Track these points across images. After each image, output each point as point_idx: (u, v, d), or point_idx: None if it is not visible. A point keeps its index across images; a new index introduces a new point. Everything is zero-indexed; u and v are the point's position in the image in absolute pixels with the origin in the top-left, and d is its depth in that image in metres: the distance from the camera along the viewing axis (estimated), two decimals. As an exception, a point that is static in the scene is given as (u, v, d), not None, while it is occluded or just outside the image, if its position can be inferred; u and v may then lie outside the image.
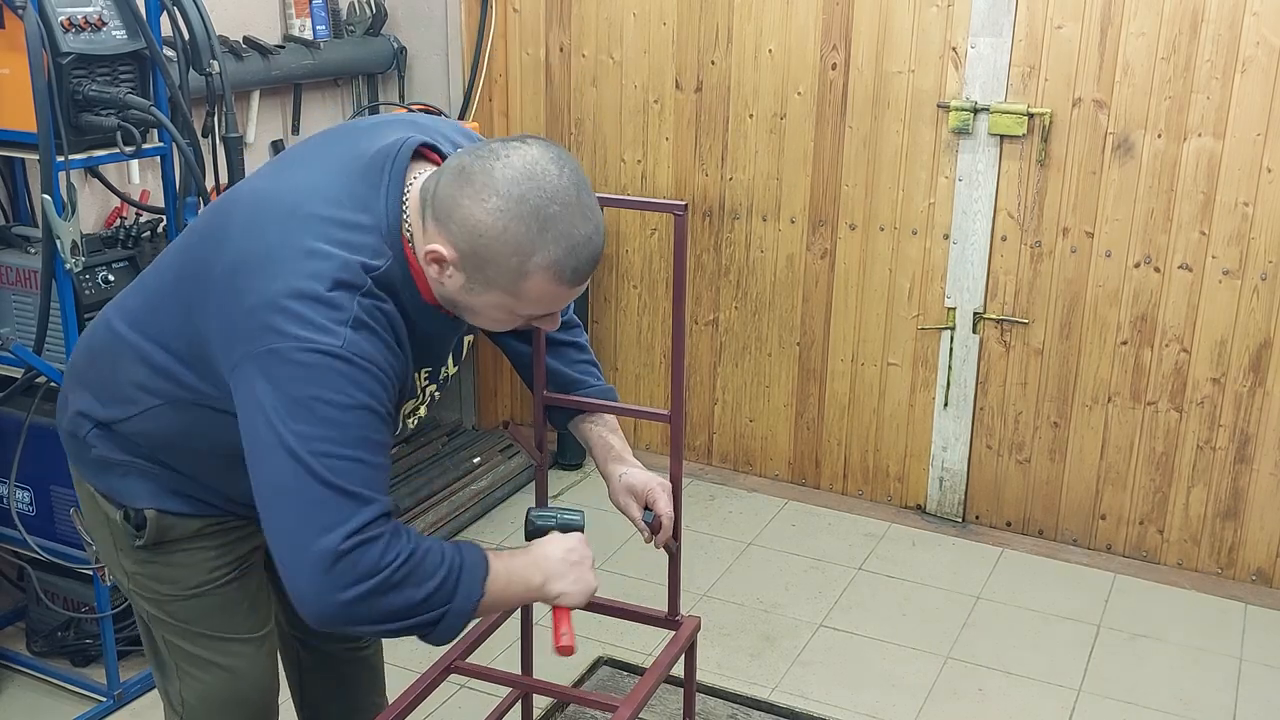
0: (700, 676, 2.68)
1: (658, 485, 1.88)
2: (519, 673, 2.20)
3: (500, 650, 2.72)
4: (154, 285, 1.71)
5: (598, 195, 1.60)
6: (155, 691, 2.83)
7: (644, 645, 3.02)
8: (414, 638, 1.57)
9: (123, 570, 1.82)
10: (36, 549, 2.69)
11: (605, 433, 1.96)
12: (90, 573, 2.68)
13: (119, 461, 1.75)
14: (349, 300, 1.48)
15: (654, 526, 1.86)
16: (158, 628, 1.85)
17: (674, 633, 2.05)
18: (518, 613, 2.22)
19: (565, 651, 1.74)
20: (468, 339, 1.83)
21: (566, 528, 1.79)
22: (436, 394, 1.83)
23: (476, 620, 1.72)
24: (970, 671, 3.01)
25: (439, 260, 1.52)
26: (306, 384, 1.45)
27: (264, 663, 1.89)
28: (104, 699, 2.79)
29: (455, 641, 2.05)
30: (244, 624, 1.85)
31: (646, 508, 1.88)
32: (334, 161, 1.60)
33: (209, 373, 1.59)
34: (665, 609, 2.11)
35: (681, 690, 2.75)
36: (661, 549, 1.96)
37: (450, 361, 1.80)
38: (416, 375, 1.69)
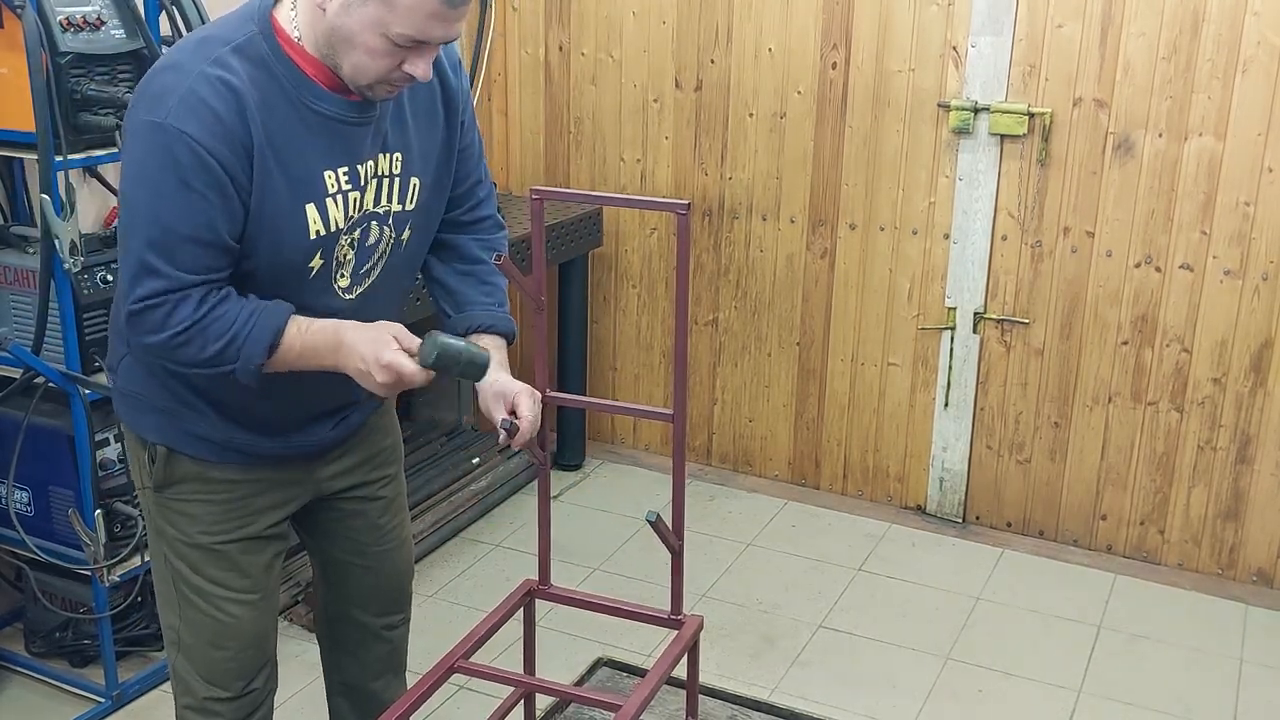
0: (700, 677, 2.67)
1: (523, 391, 1.90)
2: (521, 672, 2.19)
3: (500, 651, 2.72)
4: None
5: (596, 195, 1.61)
6: (154, 692, 2.85)
7: (643, 646, 3.02)
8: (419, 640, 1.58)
9: (146, 505, 1.95)
10: (35, 550, 2.68)
11: (488, 345, 1.96)
12: (89, 573, 2.68)
13: (136, 394, 1.88)
14: (193, 68, 1.61)
15: (511, 431, 1.86)
16: (167, 567, 1.94)
17: (676, 632, 2.05)
18: (519, 613, 2.22)
19: None
20: (414, 182, 1.84)
21: (456, 368, 1.75)
22: (389, 235, 1.83)
23: (477, 614, 1.72)
24: (970, 672, 3.00)
25: None
26: (138, 145, 1.63)
27: (257, 619, 1.97)
28: (102, 700, 2.78)
29: (455, 643, 2.06)
30: (238, 584, 1.93)
31: (511, 412, 1.88)
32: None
33: None
34: (665, 609, 2.11)
35: (681, 690, 2.74)
36: (526, 452, 1.97)
37: (395, 197, 1.82)
38: (331, 173, 1.72)
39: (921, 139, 3.47)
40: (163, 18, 2.68)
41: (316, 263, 1.75)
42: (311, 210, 1.71)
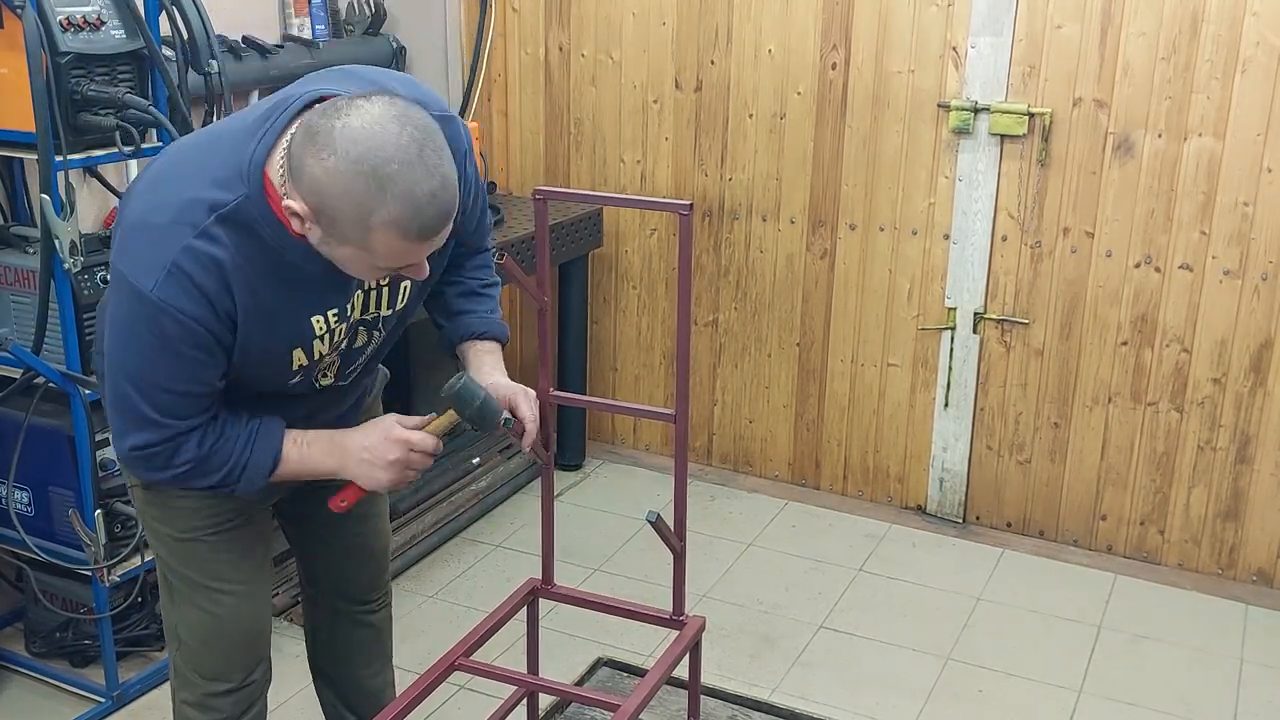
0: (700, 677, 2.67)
1: (520, 392, 1.92)
2: (522, 672, 2.19)
3: (500, 651, 2.72)
4: None
5: (599, 195, 1.61)
6: (154, 692, 2.85)
7: (643, 646, 3.02)
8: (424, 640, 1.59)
9: (137, 502, 1.98)
10: (35, 550, 2.68)
11: (482, 352, 2.01)
12: (89, 573, 2.68)
13: None
14: (178, 239, 1.60)
15: (516, 431, 1.89)
16: (162, 562, 1.99)
17: (677, 632, 2.05)
18: (522, 612, 2.22)
19: (334, 506, 1.88)
20: (404, 285, 1.85)
21: (468, 410, 1.79)
22: (377, 335, 1.87)
23: (478, 612, 1.73)
24: (970, 672, 3.00)
25: (295, 215, 1.59)
26: (124, 307, 1.66)
27: (250, 608, 2.00)
28: (103, 700, 2.78)
29: (459, 638, 2.06)
30: (230, 574, 1.95)
31: (511, 414, 1.90)
32: (239, 117, 1.74)
33: None
34: (666, 609, 2.11)
35: (681, 691, 2.75)
36: (531, 455, 2.00)
37: (385, 303, 1.84)
38: (320, 318, 1.75)
39: (921, 139, 3.47)
40: (163, 18, 2.69)
41: (299, 378, 1.81)
42: (298, 353, 1.77)
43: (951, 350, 3.57)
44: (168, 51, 2.72)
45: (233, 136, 1.66)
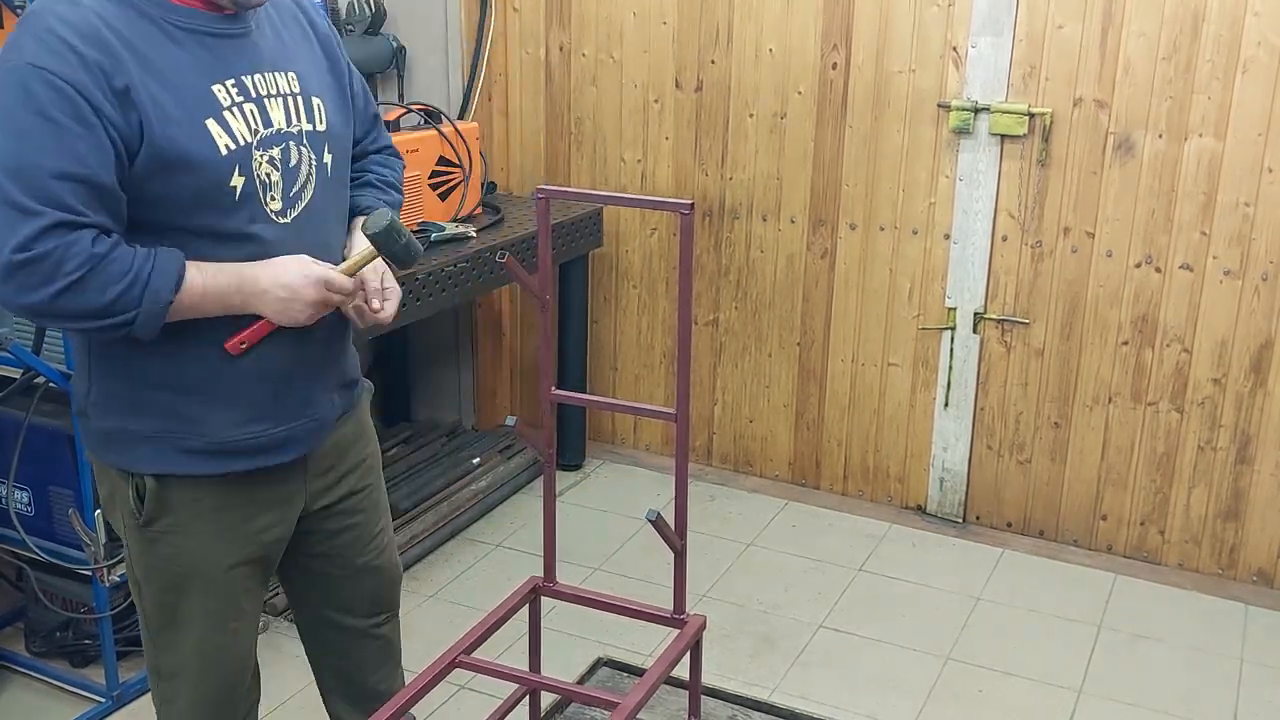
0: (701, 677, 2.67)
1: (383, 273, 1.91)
2: (522, 670, 2.19)
3: (500, 650, 2.72)
4: None
5: (601, 194, 1.63)
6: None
7: (644, 646, 3.02)
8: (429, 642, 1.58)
9: (131, 546, 1.88)
10: (35, 549, 2.68)
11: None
12: (89, 573, 2.68)
13: (118, 429, 1.80)
14: (43, 13, 1.58)
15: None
16: (157, 604, 1.90)
17: (678, 632, 2.05)
18: (523, 611, 2.22)
19: (233, 348, 1.77)
20: (316, 102, 1.84)
21: (394, 246, 1.79)
22: (310, 158, 1.82)
23: (479, 612, 1.73)
24: (970, 672, 3.00)
25: None
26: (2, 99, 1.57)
27: (249, 643, 1.97)
28: (103, 700, 2.78)
29: (459, 637, 2.06)
30: (234, 611, 1.91)
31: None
32: None
33: None
34: (666, 608, 2.11)
35: (681, 690, 2.75)
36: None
37: (303, 117, 1.81)
38: (220, 86, 1.70)
39: (922, 139, 3.47)
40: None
41: (238, 180, 1.71)
42: (212, 125, 1.68)
43: (952, 350, 3.58)
44: (168, 51, 2.71)
45: None
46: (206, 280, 1.69)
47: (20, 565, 2.88)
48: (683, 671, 2.19)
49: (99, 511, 2.60)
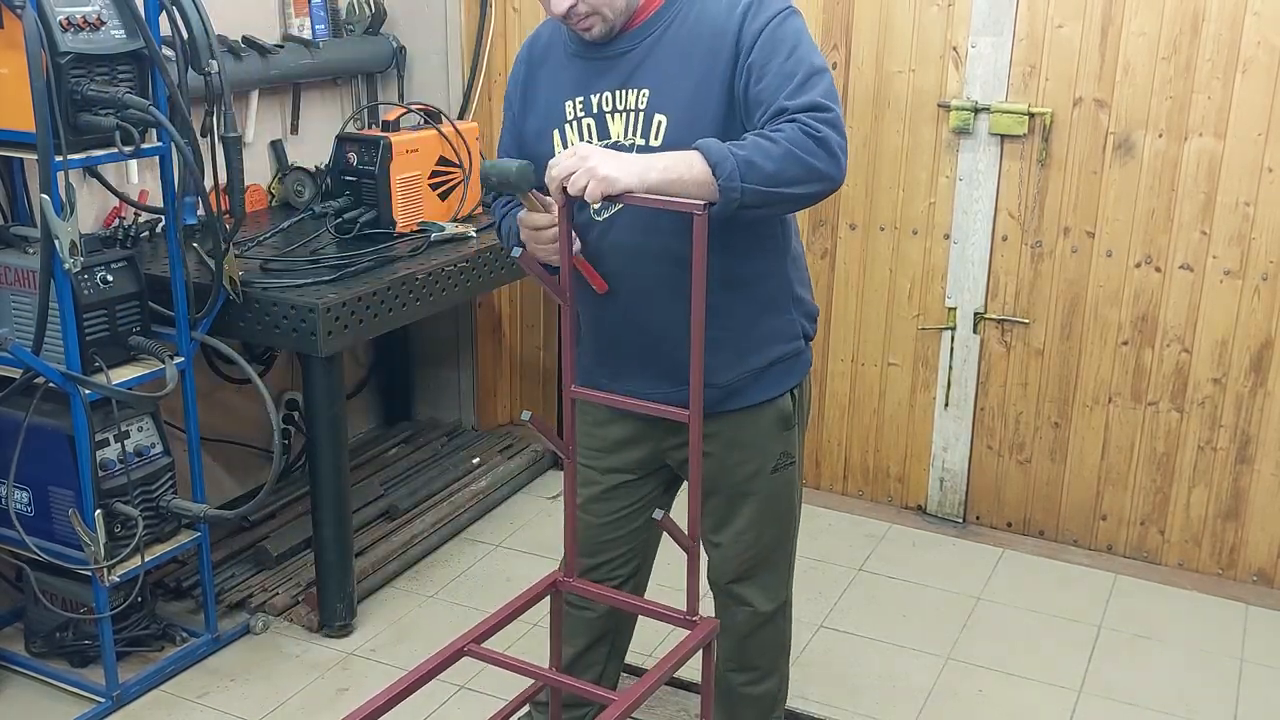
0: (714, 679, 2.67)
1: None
2: (537, 664, 2.18)
3: (502, 648, 2.72)
4: None
5: (615, 194, 1.73)
6: (154, 692, 2.85)
7: (645, 646, 3.01)
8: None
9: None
10: (35, 549, 2.68)
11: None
12: (89, 573, 2.68)
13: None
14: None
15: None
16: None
17: (689, 631, 2.05)
18: (530, 611, 2.21)
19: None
20: (658, 119, 1.98)
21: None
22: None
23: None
24: (970, 672, 3.00)
25: None
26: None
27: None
28: (102, 700, 2.78)
29: (462, 633, 2.05)
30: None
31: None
32: None
33: None
34: (678, 610, 2.11)
35: (681, 690, 2.75)
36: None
37: (638, 132, 1.99)
38: (570, 102, 2.04)
39: (922, 139, 3.47)
40: (163, 18, 2.68)
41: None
42: (555, 135, 2.02)
43: (952, 350, 3.57)
44: (168, 51, 2.72)
45: None
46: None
47: (20, 565, 2.89)
48: (691, 673, 2.18)
49: (99, 512, 2.61)
